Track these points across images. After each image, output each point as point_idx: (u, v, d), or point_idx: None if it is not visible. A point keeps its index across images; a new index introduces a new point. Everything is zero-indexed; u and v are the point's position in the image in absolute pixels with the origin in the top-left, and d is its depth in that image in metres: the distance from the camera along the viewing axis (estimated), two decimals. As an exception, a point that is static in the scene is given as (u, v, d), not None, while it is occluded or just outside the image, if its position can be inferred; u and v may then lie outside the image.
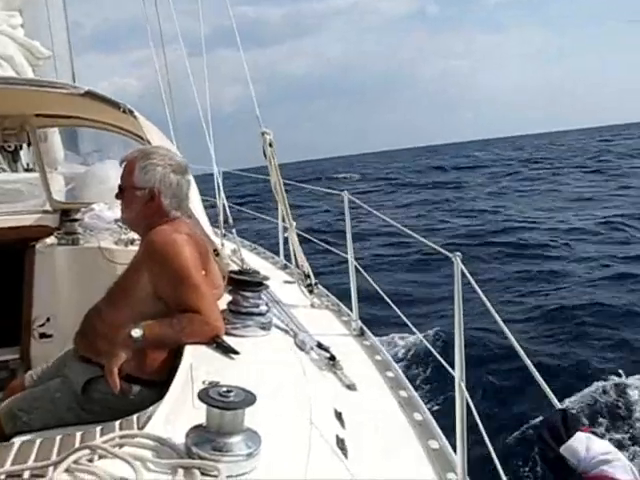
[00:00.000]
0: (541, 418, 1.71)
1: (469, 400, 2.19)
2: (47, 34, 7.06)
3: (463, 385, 2.21)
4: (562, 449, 1.54)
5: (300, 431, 1.89)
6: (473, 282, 2.19)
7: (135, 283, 2.60)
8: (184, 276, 2.48)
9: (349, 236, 3.71)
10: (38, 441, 1.71)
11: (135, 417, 1.87)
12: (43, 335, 4.11)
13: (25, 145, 6.22)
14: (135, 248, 3.93)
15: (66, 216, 4.57)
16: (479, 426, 2.16)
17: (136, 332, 2.37)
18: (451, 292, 2.18)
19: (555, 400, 1.88)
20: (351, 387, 2.67)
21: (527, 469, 5.33)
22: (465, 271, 2.20)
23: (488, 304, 2.15)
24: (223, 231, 4.73)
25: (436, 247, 2.75)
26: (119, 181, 2.75)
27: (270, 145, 3.95)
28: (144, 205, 2.68)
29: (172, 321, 2.45)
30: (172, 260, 2.50)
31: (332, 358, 2.81)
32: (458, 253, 2.26)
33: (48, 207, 4.70)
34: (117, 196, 2.76)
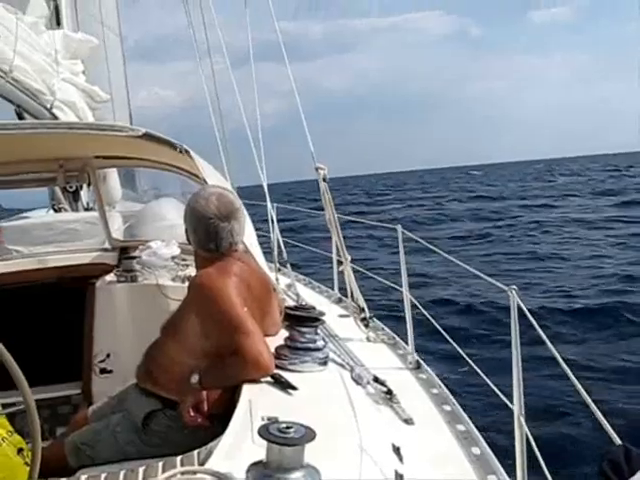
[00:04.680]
0: (602, 452, 1.64)
1: (529, 434, 2.16)
2: (106, 77, 7.29)
3: (522, 419, 2.18)
4: None
5: (359, 466, 1.89)
6: (529, 315, 2.17)
7: (184, 321, 2.66)
8: (226, 319, 2.49)
9: (404, 269, 3.69)
10: (103, 476, 1.75)
11: (196, 452, 1.90)
12: (104, 370, 4.19)
13: (85, 185, 6.42)
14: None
15: (124, 254, 4.64)
16: (539, 460, 2.13)
17: (194, 378, 2.47)
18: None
19: (615, 436, 1.84)
20: (408, 421, 2.64)
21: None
22: (521, 304, 2.19)
23: (544, 337, 2.12)
24: (278, 266, 4.76)
25: (491, 280, 2.73)
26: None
27: (324, 180, 3.99)
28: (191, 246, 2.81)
29: (224, 366, 2.47)
30: (213, 304, 2.53)
31: (389, 392, 2.80)
32: (514, 286, 2.24)
33: (107, 245, 4.78)
34: None
